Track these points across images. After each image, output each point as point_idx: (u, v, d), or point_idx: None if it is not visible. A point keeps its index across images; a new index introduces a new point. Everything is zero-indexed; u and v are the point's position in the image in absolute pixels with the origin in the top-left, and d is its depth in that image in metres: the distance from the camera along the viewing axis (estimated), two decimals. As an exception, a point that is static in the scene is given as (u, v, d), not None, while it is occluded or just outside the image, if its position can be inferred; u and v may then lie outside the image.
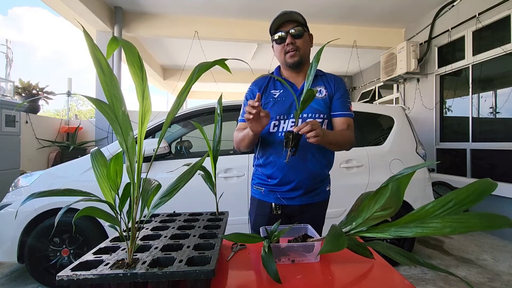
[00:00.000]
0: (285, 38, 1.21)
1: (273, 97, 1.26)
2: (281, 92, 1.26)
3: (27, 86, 4.91)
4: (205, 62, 0.61)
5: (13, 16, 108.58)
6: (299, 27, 1.20)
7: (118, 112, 0.57)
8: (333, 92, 1.27)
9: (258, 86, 1.30)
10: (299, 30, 1.20)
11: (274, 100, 1.25)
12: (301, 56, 1.22)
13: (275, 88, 1.28)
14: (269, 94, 1.27)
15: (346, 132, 1.23)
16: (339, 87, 1.28)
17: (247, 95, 1.32)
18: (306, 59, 1.26)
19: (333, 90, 1.27)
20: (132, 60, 0.56)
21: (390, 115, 2.85)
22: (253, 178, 1.38)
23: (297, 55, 1.22)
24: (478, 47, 3.89)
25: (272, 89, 1.28)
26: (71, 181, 2.27)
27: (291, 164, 1.22)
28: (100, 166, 0.71)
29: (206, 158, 0.86)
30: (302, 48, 1.22)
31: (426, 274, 2.43)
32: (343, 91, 1.28)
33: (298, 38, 1.21)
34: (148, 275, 0.58)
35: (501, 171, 3.58)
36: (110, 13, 4.58)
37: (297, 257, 0.82)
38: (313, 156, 1.24)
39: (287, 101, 1.23)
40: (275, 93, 1.26)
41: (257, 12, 4.65)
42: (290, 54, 1.22)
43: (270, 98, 1.26)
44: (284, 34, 1.21)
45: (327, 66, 7.50)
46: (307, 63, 1.28)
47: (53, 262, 2.23)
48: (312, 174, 1.24)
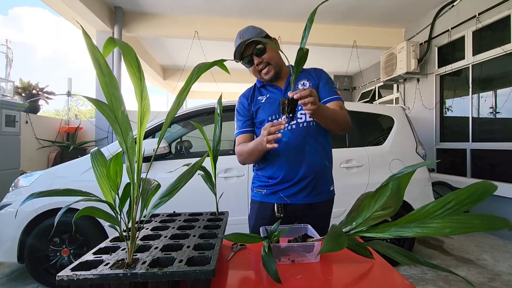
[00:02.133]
0: (252, 60, 1.24)
1: (260, 102, 1.30)
2: (267, 97, 1.30)
3: (27, 86, 4.91)
4: (204, 63, 0.61)
5: (13, 16, 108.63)
6: (259, 45, 1.21)
7: (118, 112, 0.57)
8: (317, 81, 1.29)
9: (245, 98, 1.35)
10: (260, 48, 1.21)
11: (263, 104, 1.29)
12: (274, 67, 1.25)
13: (261, 94, 1.32)
14: (256, 101, 1.31)
15: (341, 111, 1.22)
16: (321, 76, 1.30)
17: (238, 108, 1.36)
18: (280, 64, 1.28)
19: (317, 79, 1.29)
20: (130, 60, 0.56)
21: (390, 115, 2.85)
22: (253, 181, 1.37)
23: (271, 69, 1.24)
24: (478, 47, 3.89)
25: (258, 96, 1.32)
26: (71, 181, 2.27)
27: (290, 159, 1.22)
28: (100, 166, 0.71)
29: (206, 158, 0.86)
30: (272, 60, 1.24)
31: (426, 274, 2.43)
32: (326, 78, 1.30)
33: (263, 54, 1.23)
34: (148, 275, 0.58)
35: (501, 171, 3.58)
36: (110, 13, 4.58)
37: (297, 257, 0.82)
38: (311, 147, 1.24)
39: (275, 102, 1.26)
40: (262, 99, 1.31)
41: (257, 12, 4.65)
42: (264, 72, 1.25)
43: (258, 104, 1.31)
44: (250, 57, 1.23)
45: (327, 66, 7.50)
46: (283, 68, 1.30)
47: (53, 262, 2.23)
48: (313, 165, 1.23)
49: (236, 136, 1.35)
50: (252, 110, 1.32)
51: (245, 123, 1.34)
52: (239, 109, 1.36)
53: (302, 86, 1.28)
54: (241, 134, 1.33)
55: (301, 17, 4.77)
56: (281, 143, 1.21)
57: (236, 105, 1.37)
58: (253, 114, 1.32)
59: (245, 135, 1.33)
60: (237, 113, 1.36)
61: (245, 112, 1.34)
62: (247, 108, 1.33)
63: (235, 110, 1.38)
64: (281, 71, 1.28)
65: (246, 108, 1.34)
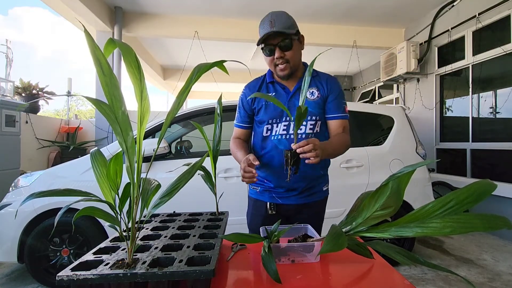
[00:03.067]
0: (274, 51, 1.16)
1: (265, 101, 1.24)
2: (273, 95, 1.25)
3: (27, 86, 4.91)
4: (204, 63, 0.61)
5: (13, 16, 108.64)
6: (287, 39, 1.14)
7: (118, 112, 0.57)
8: (327, 93, 1.24)
9: (251, 89, 1.30)
10: (288, 43, 1.15)
11: (266, 104, 1.24)
12: (291, 67, 1.19)
13: (267, 91, 1.27)
14: (261, 99, 1.26)
15: (343, 138, 1.20)
16: (333, 88, 1.24)
17: (242, 97, 1.32)
18: (297, 66, 1.23)
19: (326, 92, 1.24)
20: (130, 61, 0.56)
21: (390, 115, 2.85)
22: None
23: (288, 67, 1.18)
24: (478, 47, 3.89)
25: (265, 91, 1.27)
26: (71, 181, 2.27)
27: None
28: (100, 166, 0.71)
29: (206, 158, 0.86)
30: (292, 60, 1.18)
31: (426, 274, 2.43)
32: (337, 92, 1.24)
33: (287, 50, 1.16)
34: (148, 275, 0.58)
35: (501, 171, 3.58)
36: (110, 13, 4.58)
37: (297, 257, 0.82)
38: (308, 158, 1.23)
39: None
40: None
41: (257, 12, 4.65)
42: (280, 67, 1.18)
43: (262, 102, 1.25)
44: (273, 48, 1.16)
45: (327, 66, 7.50)
46: (299, 68, 1.25)
47: (53, 262, 2.23)
48: (307, 176, 1.24)
49: (235, 125, 1.35)
50: (254, 106, 1.28)
51: (244, 118, 1.31)
52: (243, 100, 1.30)
53: (311, 94, 1.23)
54: (239, 128, 1.34)
55: (301, 17, 4.77)
56: (278, 150, 1.21)
57: (240, 95, 1.32)
58: (254, 110, 1.28)
59: (242, 131, 1.33)
60: (240, 102, 1.32)
61: (247, 106, 1.29)
62: (250, 103, 1.28)
63: (239, 98, 1.34)
64: (296, 70, 1.23)
65: (249, 102, 1.28)
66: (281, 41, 1.14)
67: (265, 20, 1.16)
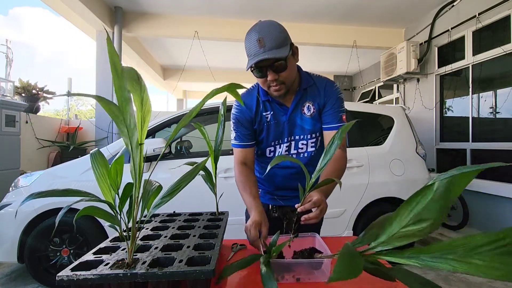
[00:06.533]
0: (266, 72, 1.01)
1: (266, 121, 1.17)
2: (271, 114, 1.16)
3: (27, 86, 4.91)
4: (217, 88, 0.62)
5: (14, 16, 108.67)
6: (280, 61, 0.98)
7: (127, 114, 0.57)
8: (323, 101, 1.15)
9: (248, 109, 1.17)
10: (282, 64, 0.99)
11: (268, 124, 1.17)
12: (287, 87, 1.07)
13: (265, 109, 1.17)
14: (262, 117, 1.17)
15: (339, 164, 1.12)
16: (330, 96, 1.15)
17: (239, 117, 1.18)
18: (293, 82, 1.11)
19: (323, 99, 1.15)
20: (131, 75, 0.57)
21: (390, 115, 2.85)
22: None
23: (283, 88, 1.05)
24: (478, 47, 3.89)
25: (263, 111, 1.17)
26: (71, 181, 2.27)
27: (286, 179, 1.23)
28: (100, 167, 0.71)
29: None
30: (288, 80, 1.05)
31: (426, 274, 2.43)
32: (334, 99, 1.15)
33: (281, 71, 1.01)
34: (148, 275, 0.58)
35: (501, 171, 3.57)
36: (110, 13, 4.58)
37: (303, 274, 0.73)
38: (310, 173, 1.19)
39: (279, 124, 1.16)
40: (267, 115, 1.16)
41: (257, 12, 4.65)
42: (274, 89, 1.05)
43: (264, 123, 1.17)
44: (265, 70, 1.01)
45: (327, 66, 7.51)
46: (295, 82, 1.13)
47: (53, 262, 2.23)
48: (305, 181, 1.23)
49: (235, 147, 1.21)
50: (255, 127, 1.19)
51: (245, 135, 1.19)
52: (240, 118, 1.18)
53: (307, 109, 1.15)
54: (242, 149, 1.20)
55: (301, 17, 4.77)
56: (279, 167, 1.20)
57: (234, 112, 1.19)
58: (256, 130, 1.19)
59: (246, 151, 1.20)
60: (236, 121, 1.19)
61: (247, 124, 1.18)
62: (250, 121, 1.18)
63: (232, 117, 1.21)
64: (291, 87, 1.11)
65: (248, 120, 1.18)
66: (274, 62, 0.98)
67: (252, 36, 0.98)
